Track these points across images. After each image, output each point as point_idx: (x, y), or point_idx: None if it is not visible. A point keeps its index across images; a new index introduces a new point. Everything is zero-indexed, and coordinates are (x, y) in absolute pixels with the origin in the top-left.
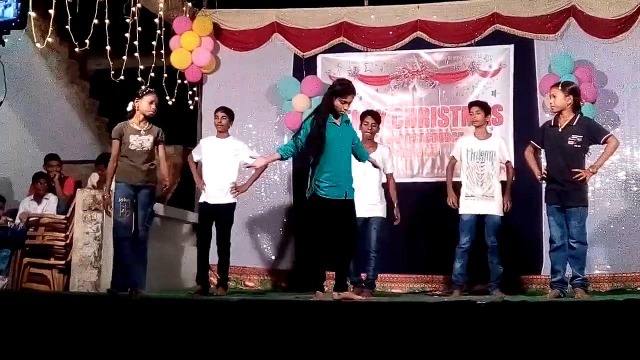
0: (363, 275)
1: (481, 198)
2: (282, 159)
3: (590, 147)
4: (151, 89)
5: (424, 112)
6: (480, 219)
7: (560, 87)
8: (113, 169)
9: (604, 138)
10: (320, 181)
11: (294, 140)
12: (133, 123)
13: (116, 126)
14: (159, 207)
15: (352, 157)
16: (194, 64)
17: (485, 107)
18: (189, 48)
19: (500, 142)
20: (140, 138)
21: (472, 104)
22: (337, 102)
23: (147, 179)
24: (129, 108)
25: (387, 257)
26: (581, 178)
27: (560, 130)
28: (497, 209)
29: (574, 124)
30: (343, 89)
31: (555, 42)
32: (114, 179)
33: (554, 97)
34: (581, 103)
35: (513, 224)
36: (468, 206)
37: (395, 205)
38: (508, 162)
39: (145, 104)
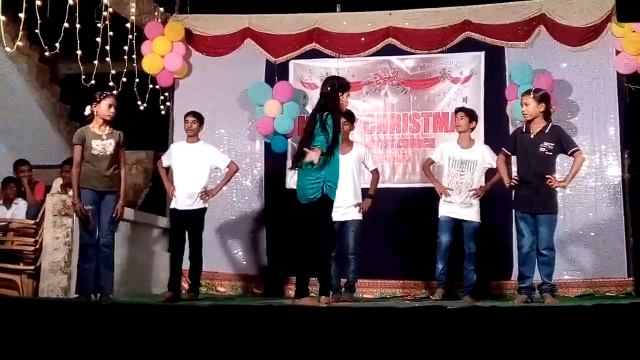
0: (343, 281)
1: (459, 205)
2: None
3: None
4: (109, 93)
5: (395, 118)
6: (458, 224)
7: (532, 95)
8: (78, 174)
9: (571, 151)
10: (332, 183)
11: (324, 136)
12: (94, 128)
13: (77, 131)
14: (129, 212)
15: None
16: (165, 69)
17: (470, 114)
18: (160, 53)
19: (484, 150)
20: (102, 143)
21: (458, 110)
22: (344, 98)
23: (111, 184)
24: (87, 112)
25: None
26: (553, 185)
27: (532, 137)
28: (476, 216)
29: (546, 132)
30: (346, 83)
31: (525, 49)
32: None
33: (527, 105)
34: (551, 110)
35: (484, 230)
36: (446, 210)
37: (368, 195)
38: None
39: (104, 108)
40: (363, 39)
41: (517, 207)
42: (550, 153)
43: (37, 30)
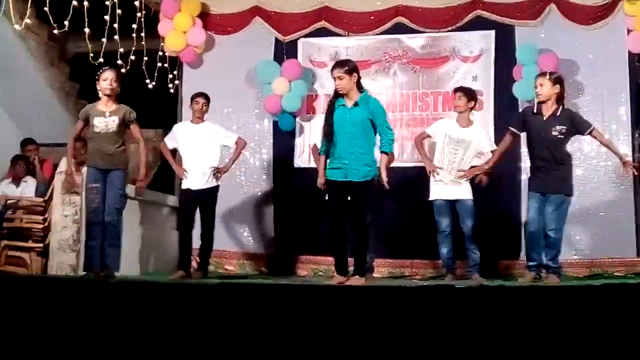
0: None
1: (449, 183)
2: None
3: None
4: (107, 67)
5: (404, 97)
6: (452, 205)
7: (548, 77)
8: (72, 147)
9: (588, 130)
10: (328, 164)
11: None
12: (99, 105)
13: (84, 107)
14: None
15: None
16: (189, 45)
17: (468, 94)
18: (182, 29)
19: (482, 133)
20: (104, 120)
21: (456, 90)
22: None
23: (115, 161)
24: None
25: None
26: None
27: (544, 119)
28: (467, 193)
29: (557, 115)
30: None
31: (535, 28)
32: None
33: (542, 85)
34: (565, 94)
35: (492, 209)
36: (438, 192)
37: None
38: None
39: (102, 83)
40: (372, 17)
41: (530, 188)
42: (562, 136)
43: (45, 8)
